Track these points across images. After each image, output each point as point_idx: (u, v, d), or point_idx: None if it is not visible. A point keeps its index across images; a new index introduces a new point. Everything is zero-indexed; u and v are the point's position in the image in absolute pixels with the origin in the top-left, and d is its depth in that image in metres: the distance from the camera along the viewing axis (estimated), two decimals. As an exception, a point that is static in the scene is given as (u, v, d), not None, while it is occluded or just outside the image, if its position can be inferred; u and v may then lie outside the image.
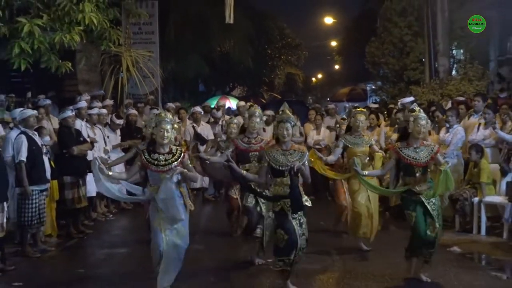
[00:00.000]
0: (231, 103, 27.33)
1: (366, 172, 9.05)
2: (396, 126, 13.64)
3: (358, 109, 10.77)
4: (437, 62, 22.54)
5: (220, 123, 16.70)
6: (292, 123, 8.00)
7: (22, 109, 11.29)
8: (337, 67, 52.76)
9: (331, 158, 10.40)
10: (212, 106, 21.14)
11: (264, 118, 14.88)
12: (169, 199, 7.50)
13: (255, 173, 8.67)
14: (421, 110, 8.60)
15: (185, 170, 7.70)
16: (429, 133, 12.75)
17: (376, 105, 20.56)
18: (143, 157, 7.72)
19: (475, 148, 11.75)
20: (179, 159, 7.75)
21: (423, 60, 23.53)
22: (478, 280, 8.82)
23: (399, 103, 16.09)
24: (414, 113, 8.43)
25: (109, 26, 14.61)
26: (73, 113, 12.30)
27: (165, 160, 7.70)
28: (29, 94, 16.42)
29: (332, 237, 11.38)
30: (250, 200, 9.31)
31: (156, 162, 7.68)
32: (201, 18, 27.86)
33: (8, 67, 13.55)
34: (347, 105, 24.46)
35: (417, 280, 8.50)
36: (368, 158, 10.31)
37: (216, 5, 23.03)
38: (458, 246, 10.48)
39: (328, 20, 48.40)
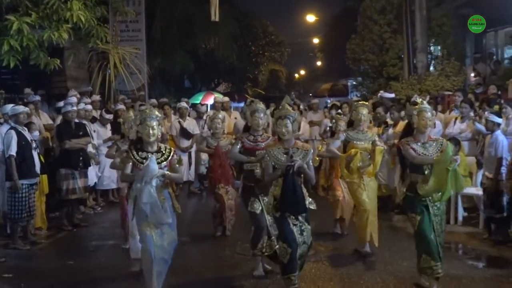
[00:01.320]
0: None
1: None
2: (377, 121, 13.63)
3: (360, 102, 10.11)
4: (415, 59, 22.62)
5: (204, 118, 16.73)
6: (292, 118, 7.26)
7: (13, 105, 11.29)
8: (319, 63, 52.83)
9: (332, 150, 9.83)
10: (197, 102, 21.14)
11: (236, 115, 15.01)
12: (152, 203, 6.88)
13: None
14: (424, 102, 7.89)
15: (168, 173, 7.07)
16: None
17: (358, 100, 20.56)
18: (133, 158, 7.12)
19: (452, 141, 11.79)
20: (168, 159, 7.18)
21: (402, 56, 23.61)
22: (455, 269, 8.82)
23: (378, 95, 16.17)
24: (417, 106, 7.71)
25: (97, 24, 14.55)
26: (74, 108, 12.33)
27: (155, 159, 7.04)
28: (27, 90, 16.35)
29: (330, 240, 10.62)
30: (257, 206, 8.37)
31: (145, 161, 7.02)
32: (187, 16, 27.93)
33: None
34: (328, 101, 24.47)
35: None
36: (369, 155, 9.45)
37: (201, 3, 23.02)
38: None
39: (310, 18, 48.41)
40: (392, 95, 16.11)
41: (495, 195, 10.13)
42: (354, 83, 31.10)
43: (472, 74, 21.86)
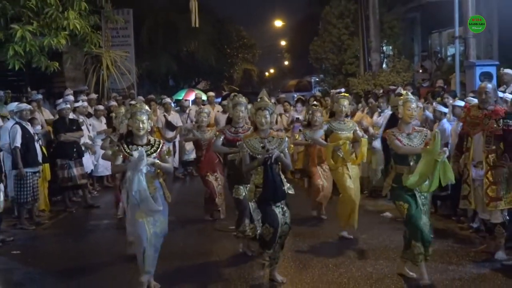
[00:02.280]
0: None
1: None
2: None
3: (342, 94, 9.44)
4: (370, 57, 22.69)
5: (187, 111, 16.76)
6: (270, 110, 6.91)
7: (18, 103, 11.31)
8: (286, 63, 52.86)
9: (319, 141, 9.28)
10: (181, 98, 21.12)
11: (219, 108, 14.99)
12: (142, 191, 6.38)
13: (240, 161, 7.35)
14: (409, 93, 7.17)
15: (157, 161, 6.56)
16: (364, 117, 12.94)
17: (319, 94, 20.60)
18: (124, 151, 6.60)
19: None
20: (158, 151, 6.69)
21: (358, 55, 23.64)
22: (406, 239, 8.94)
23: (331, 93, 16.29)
24: (402, 97, 6.97)
25: (91, 31, 14.62)
26: (68, 105, 12.31)
27: (145, 151, 6.52)
28: (29, 89, 16.27)
29: (312, 226, 10.02)
30: (240, 192, 8.02)
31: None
32: (170, 23, 28.03)
33: (4, 67, 13.76)
34: (295, 95, 24.43)
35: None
36: (351, 144, 8.93)
37: (183, 12, 22.99)
38: (389, 212, 10.50)
39: (278, 23, 48.63)
40: (342, 90, 16.09)
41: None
42: (317, 79, 31.13)
43: (420, 71, 22.02)
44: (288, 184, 6.95)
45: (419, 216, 6.72)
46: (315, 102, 13.48)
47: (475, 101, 8.91)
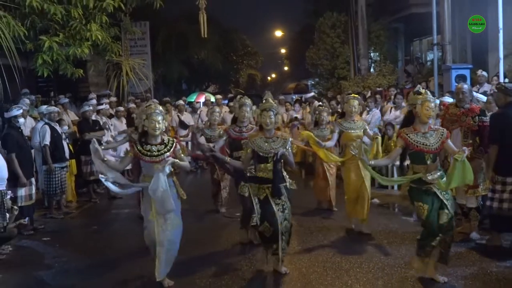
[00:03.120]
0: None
1: (372, 162, 6.53)
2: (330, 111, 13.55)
3: (351, 95, 8.78)
4: (359, 63, 22.64)
5: (198, 112, 16.73)
6: (275, 111, 6.48)
7: (47, 106, 11.34)
8: (286, 68, 52.76)
9: (330, 143, 8.67)
10: (193, 100, 21.10)
11: (227, 109, 14.92)
12: (161, 190, 5.91)
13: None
14: (428, 92, 6.31)
15: (177, 160, 6.12)
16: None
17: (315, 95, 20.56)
18: (136, 149, 6.16)
19: (389, 125, 11.84)
20: (172, 149, 6.18)
21: (349, 61, 23.61)
22: (392, 223, 8.94)
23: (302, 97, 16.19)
24: (421, 96, 6.17)
25: (111, 41, 14.60)
26: (91, 108, 12.28)
27: (158, 150, 6.13)
28: (51, 94, 16.30)
29: (320, 219, 9.46)
30: (245, 190, 7.23)
31: (149, 153, 6.11)
32: (182, 33, 27.99)
33: (34, 74, 13.80)
34: (294, 97, 24.38)
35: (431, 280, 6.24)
36: (362, 143, 7.94)
37: (193, 23, 22.90)
38: (377, 198, 10.52)
39: (278, 33, 48.56)
40: (312, 94, 15.96)
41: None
42: (313, 82, 31.06)
43: (405, 75, 22.00)
44: (290, 180, 6.57)
45: (435, 222, 5.97)
46: (320, 103, 13.13)
47: (451, 100, 8.91)
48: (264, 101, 6.66)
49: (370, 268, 6.78)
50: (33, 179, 9.45)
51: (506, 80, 11.28)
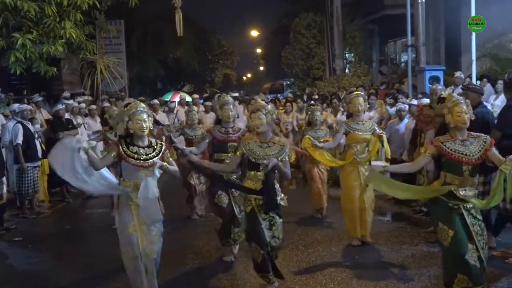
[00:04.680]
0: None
1: (388, 164, 5.73)
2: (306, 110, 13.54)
3: (354, 93, 7.99)
4: (334, 63, 22.79)
5: (175, 112, 16.61)
6: (265, 111, 5.64)
7: (19, 104, 11.21)
8: (261, 68, 52.82)
9: (329, 144, 7.95)
10: (168, 99, 20.98)
11: (203, 108, 14.81)
12: (151, 198, 5.28)
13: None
14: (455, 94, 5.62)
15: (165, 164, 5.40)
16: (329, 115, 12.92)
17: (291, 95, 20.57)
18: (120, 148, 5.35)
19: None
20: (161, 154, 5.44)
21: (324, 61, 23.74)
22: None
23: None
24: (448, 102, 5.19)
25: (86, 39, 14.45)
26: (64, 107, 12.16)
27: (146, 154, 5.37)
28: (25, 92, 16.12)
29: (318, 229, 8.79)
30: (224, 200, 6.86)
31: (136, 155, 5.33)
32: (158, 32, 27.92)
33: (7, 72, 13.65)
34: (269, 96, 24.37)
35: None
36: (367, 146, 7.50)
37: (169, 22, 22.73)
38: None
39: (254, 33, 48.63)
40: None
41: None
42: (288, 82, 31.15)
43: (380, 75, 22.16)
44: (282, 195, 5.73)
45: (465, 247, 4.92)
46: (312, 102, 12.79)
47: (427, 101, 8.97)
48: (253, 101, 6.01)
49: (344, 267, 6.77)
50: (4, 179, 9.33)
51: (478, 82, 11.42)
